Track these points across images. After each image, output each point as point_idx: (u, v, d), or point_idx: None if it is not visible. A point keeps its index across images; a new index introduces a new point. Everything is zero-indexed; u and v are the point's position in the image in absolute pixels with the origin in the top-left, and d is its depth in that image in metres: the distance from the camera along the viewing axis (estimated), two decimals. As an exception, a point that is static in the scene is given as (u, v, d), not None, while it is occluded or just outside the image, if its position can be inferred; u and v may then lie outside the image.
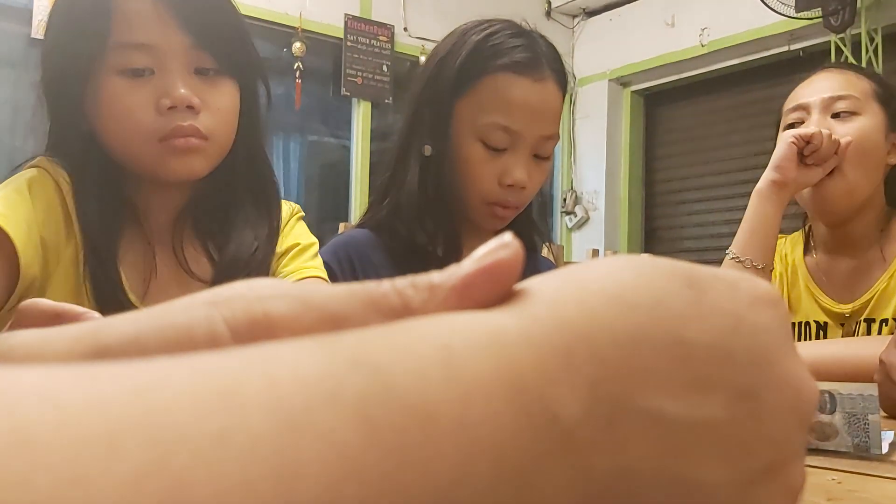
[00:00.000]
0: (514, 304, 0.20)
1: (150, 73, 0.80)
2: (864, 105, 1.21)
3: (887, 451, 0.55)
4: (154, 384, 0.14)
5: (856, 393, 0.54)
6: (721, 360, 0.21)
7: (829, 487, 0.45)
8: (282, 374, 0.15)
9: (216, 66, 0.83)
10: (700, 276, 0.22)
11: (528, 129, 1.01)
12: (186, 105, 0.79)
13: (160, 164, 0.81)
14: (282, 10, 3.80)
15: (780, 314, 0.23)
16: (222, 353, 0.16)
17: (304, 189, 4.18)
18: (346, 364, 0.16)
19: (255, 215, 0.89)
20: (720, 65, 4.25)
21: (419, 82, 1.10)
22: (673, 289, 0.21)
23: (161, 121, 0.79)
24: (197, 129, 0.80)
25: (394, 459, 0.15)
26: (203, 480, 0.13)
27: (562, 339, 0.19)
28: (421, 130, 1.06)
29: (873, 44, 3.45)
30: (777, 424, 0.21)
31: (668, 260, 0.22)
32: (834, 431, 0.55)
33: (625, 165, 4.73)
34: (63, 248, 0.80)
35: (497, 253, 0.20)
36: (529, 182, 1.03)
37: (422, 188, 1.05)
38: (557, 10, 4.69)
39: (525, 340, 0.18)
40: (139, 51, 0.79)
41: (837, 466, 0.50)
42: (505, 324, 0.19)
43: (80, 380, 0.14)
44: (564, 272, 0.21)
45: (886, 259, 1.23)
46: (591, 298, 0.20)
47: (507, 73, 1.01)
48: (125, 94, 0.79)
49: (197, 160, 0.82)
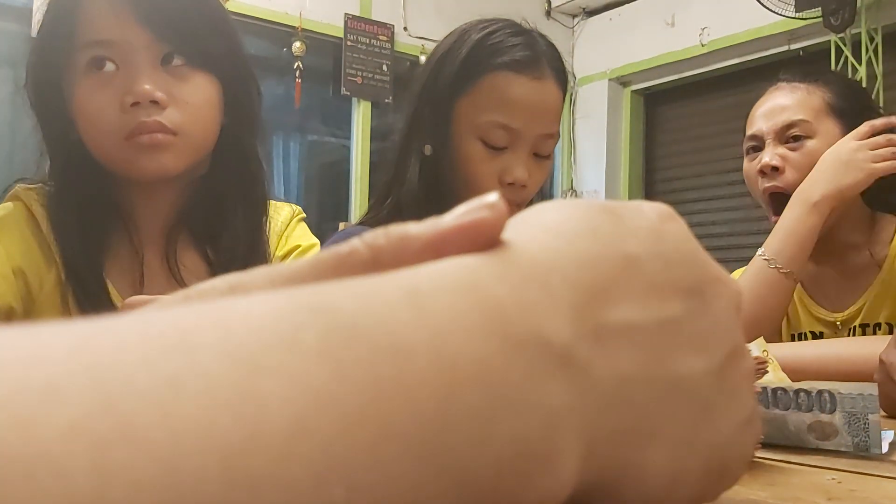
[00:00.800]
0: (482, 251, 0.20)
1: (115, 69, 0.78)
2: (815, 128, 1.19)
3: (887, 450, 0.55)
4: (97, 334, 0.14)
5: (856, 393, 0.54)
6: (661, 266, 0.22)
7: (828, 487, 0.45)
8: (235, 321, 0.15)
9: (184, 59, 0.80)
10: (611, 203, 0.24)
11: (527, 127, 1.01)
12: (150, 100, 0.77)
13: (130, 162, 0.79)
14: (282, 10, 3.79)
15: (683, 224, 0.25)
16: (171, 309, 0.15)
17: (304, 189, 4.18)
18: (305, 309, 0.15)
19: (250, 216, 0.88)
20: (720, 64, 4.25)
21: (419, 81, 1.10)
22: (598, 216, 0.23)
23: (125, 118, 0.78)
24: (162, 125, 0.78)
25: (368, 393, 0.14)
26: (155, 422, 0.12)
27: (536, 273, 0.19)
28: (421, 129, 1.06)
29: (873, 43, 3.45)
30: (723, 313, 0.24)
31: (580, 198, 0.24)
32: (834, 431, 0.55)
33: (625, 165, 4.73)
34: (45, 274, 0.80)
35: (479, 212, 0.20)
36: (530, 180, 1.03)
37: (422, 187, 1.05)
38: (557, 9, 4.69)
39: (498, 279, 0.19)
40: (101, 48, 0.78)
41: (837, 466, 0.50)
42: (475, 266, 0.19)
43: (19, 335, 0.13)
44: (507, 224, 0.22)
45: (878, 263, 1.21)
46: (540, 235, 0.21)
47: (507, 71, 1.01)
48: (92, 93, 0.79)
49: (167, 157, 0.79)
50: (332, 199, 4.27)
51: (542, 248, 0.21)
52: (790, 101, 1.22)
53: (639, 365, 0.21)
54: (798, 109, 1.21)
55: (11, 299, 0.77)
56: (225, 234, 0.86)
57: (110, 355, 0.13)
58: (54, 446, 0.12)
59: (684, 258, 0.24)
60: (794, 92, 1.23)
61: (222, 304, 0.16)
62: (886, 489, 0.45)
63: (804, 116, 1.20)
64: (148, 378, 0.13)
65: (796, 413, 0.56)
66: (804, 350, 1.08)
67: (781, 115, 1.21)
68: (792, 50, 3.91)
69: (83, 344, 0.13)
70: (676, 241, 0.24)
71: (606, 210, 0.23)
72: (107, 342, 0.13)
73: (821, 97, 1.21)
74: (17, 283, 0.78)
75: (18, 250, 0.79)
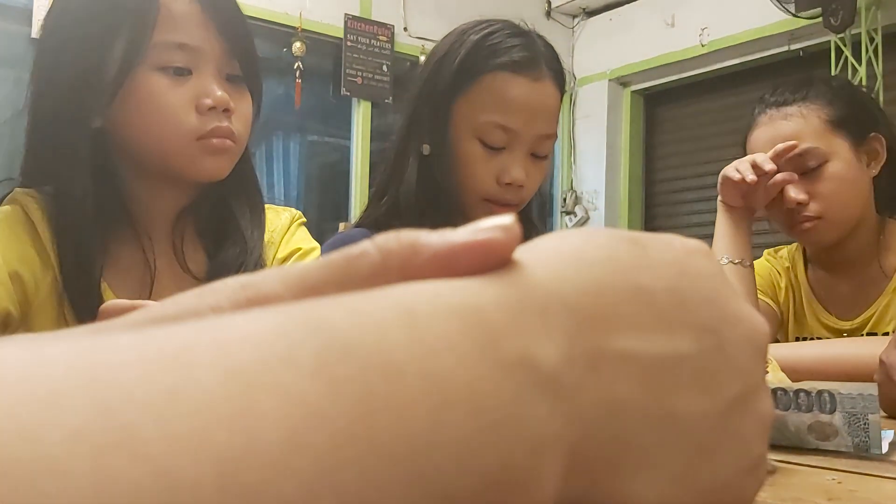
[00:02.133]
0: (485, 274, 0.20)
1: (189, 73, 0.82)
2: (825, 151, 1.16)
3: (887, 450, 0.55)
4: (98, 347, 0.14)
5: (856, 393, 0.54)
6: (676, 301, 0.22)
7: (829, 487, 0.45)
8: (232, 337, 0.15)
9: (241, 74, 0.86)
10: (639, 235, 0.24)
11: (525, 127, 1.02)
12: (223, 108, 0.83)
13: (193, 162, 0.83)
14: (282, 10, 3.79)
15: (714, 262, 0.25)
16: (169, 325, 0.16)
17: (304, 189, 4.18)
18: (301, 327, 0.16)
19: (250, 214, 0.91)
20: (720, 65, 4.25)
21: (418, 82, 1.10)
22: (620, 246, 0.23)
23: (202, 119, 0.82)
24: (231, 132, 0.83)
25: (360, 408, 0.15)
26: (153, 433, 0.13)
27: (535, 300, 0.19)
28: (419, 129, 1.07)
29: (873, 44, 3.45)
30: (739, 355, 0.23)
31: (612, 229, 0.24)
32: (834, 431, 0.55)
33: (625, 165, 4.73)
34: (41, 278, 0.80)
35: (493, 231, 0.20)
36: (527, 181, 1.04)
37: (420, 187, 1.05)
38: (557, 9, 4.69)
39: (496, 304, 0.19)
40: (181, 50, 0.81)
41: (837, 466, 0.50)
42: (475, 290, 0.19)
43: (21, 347, 0.14)
44: (521, 247, 0.22)
45: (886, 273, 1.21)
46: (552, 261, 0.21)
47: (505, 72, 1.01)
48: (165, 91, 0.81)
49: (225, 161, 0.85)
50: (332, 200, 4.27)
51: (549, 273, 0.21)
52: (788, 133, 1.18)
53: (634, 396, 0.21)
54: (801, 138, 1.16)
55: (8, 304, 0.77)
56: (229, 234, 0.88)
57: (110, 370, 0.14)
58: (57, 451, 0.12)
59: (704, 295, 0.23)
60: (788, 120, 1.19)
61: (220, 320, 0.16)
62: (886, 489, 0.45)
63: (811, 144, 1.16)
64: (147, 391, 0.13)
65: (796, 413, 0.56)
66: (803, 350, 1.08)
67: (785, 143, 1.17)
68: (792, 50, 3.91)
69: (84, 360, 0.14)
70: (699, 277, 0.24)
71: (631, 240, 0.23)
72: (107, 358, 0.14)
73: (817, 116, 1.17)
74: (14, 288, 0.77)
75: (15, 254, 0.79)
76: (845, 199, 1.17)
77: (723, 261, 1.18)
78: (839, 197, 1.16)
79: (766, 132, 1.21)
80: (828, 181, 1.16)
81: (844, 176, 1.16)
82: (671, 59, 4.37)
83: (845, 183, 1.16)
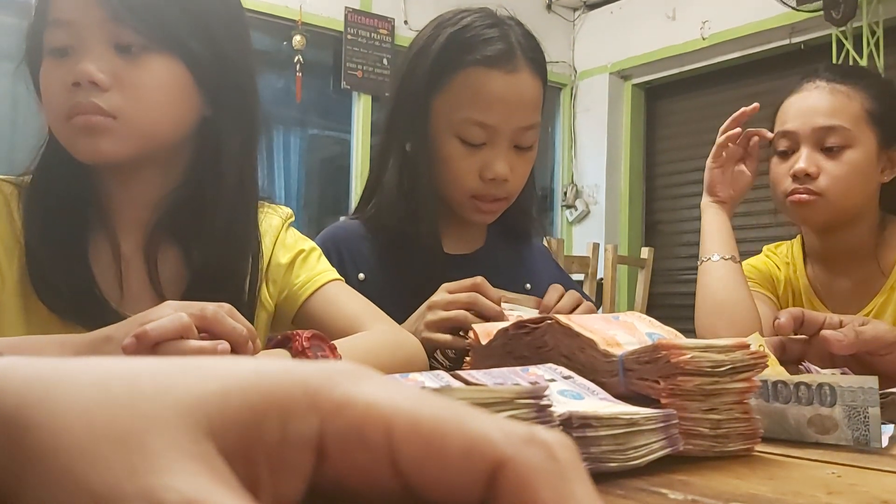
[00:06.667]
0: None
1: (71, 51, 0.77)
2: (855, 136, 1.17)
3: (887, 444, 0.55)
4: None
5: (856, 386, 0.54)
6: None
7: (828, 481, 0.45)
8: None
9: (141, 42, 0.77)
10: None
11: (504, 122, 1.01)
12: (89, 81, 0.75)
13: (71, 145, 0.78)
14: (282, 3, 3.79)
15: None
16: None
17: (305, 183, 4.18)
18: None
19: (233, 215, 0.84)
20: (721, 58, 4.25)
21: (396, 77, 1.09)
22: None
23: (68, 98, 0.76)
24: (98, 107, 0.75)
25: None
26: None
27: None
28: (400, 128, 1.06)
29: (874, 37, 3.45)
30: None
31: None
32: (834, 425, 0.55)
33: (625, 159, 4.72)
34: (7, 267, 0.79)
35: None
36: (512, 174, 1.03)
37: (401, 187, 1.05)
38: (558, 3, 4.68)
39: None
40: (60, 28, 0.77)
41: (837, 460, 0.50)
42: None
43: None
44: None
45: (884, 271, 1.21)
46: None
47: (479, 67, 1.00)
48: (47, 74, 0.78)
49: (105, 141, 0.76)
50: (332, 193, 4.26)
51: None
52: (829, 105, 1.18)
53: None
54: (838, 115, 1.17)
55: None
56: (204, 231, 0.83)
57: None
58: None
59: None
60: (833, 94, 1.19)
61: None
62: (886, 483, 0.45)
63: (844, 123, 1.16)
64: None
65: (796, 406, 0.56)
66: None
67: (819, 119, 1.17)
68: (793, 43, 3.90)
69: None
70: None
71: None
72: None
73: (860, 103, 1.18)
74: None
75: None
76: (851, 187, 1.17)
77: (714, 258, 1.20)
78: (846, 182, 1.17)
79: (804, 99, 1.21)
80: (843, 164, 1.17)
81: (859, 166, 1.17)
82: (672, 53, 4.37)
83: (858, 173, 1.17)
